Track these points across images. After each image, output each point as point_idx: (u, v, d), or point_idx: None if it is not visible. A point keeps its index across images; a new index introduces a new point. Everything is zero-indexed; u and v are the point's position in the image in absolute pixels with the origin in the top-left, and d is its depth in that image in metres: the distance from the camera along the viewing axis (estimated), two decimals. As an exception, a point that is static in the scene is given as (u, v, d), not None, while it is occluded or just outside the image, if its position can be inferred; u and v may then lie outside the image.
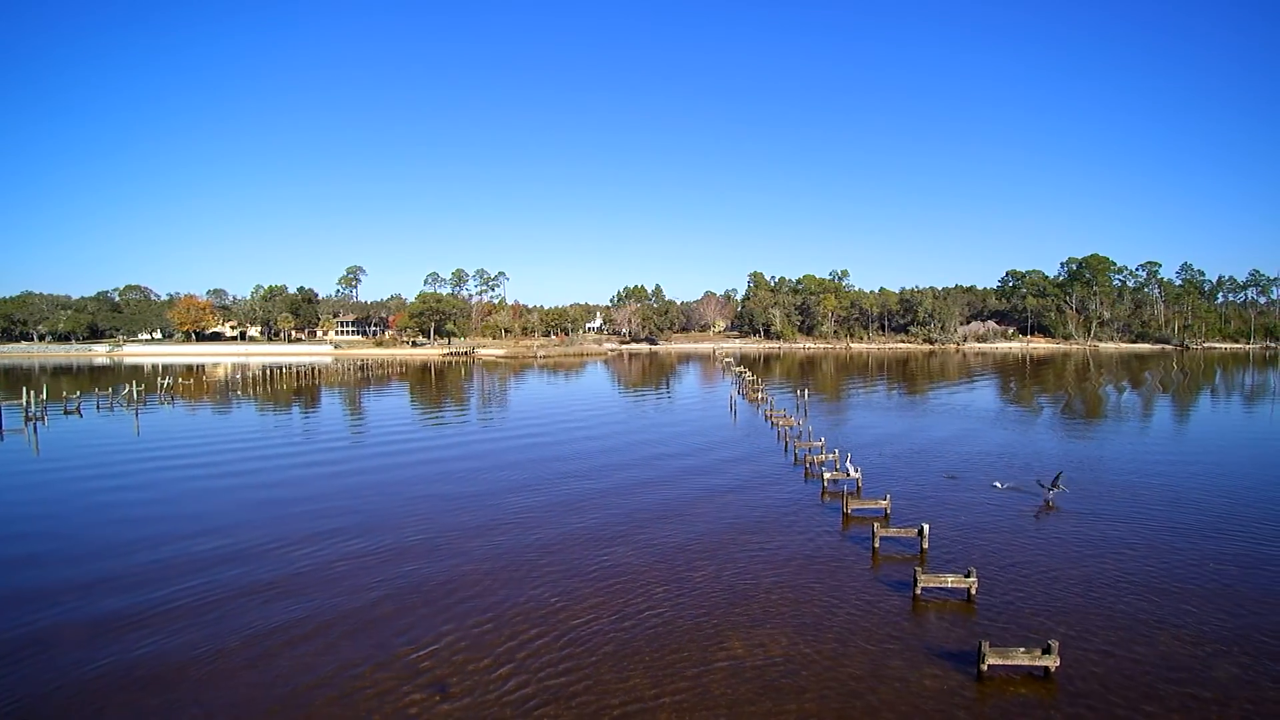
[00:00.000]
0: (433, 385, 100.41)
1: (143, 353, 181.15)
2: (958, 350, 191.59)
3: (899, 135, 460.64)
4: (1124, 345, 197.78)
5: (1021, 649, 16.17)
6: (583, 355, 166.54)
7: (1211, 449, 45.62)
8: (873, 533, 24.76)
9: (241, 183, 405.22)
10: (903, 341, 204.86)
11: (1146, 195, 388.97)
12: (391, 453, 45.04)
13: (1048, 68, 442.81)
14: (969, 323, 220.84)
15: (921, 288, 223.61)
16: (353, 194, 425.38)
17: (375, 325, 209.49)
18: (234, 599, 20.70)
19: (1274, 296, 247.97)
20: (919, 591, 20.48)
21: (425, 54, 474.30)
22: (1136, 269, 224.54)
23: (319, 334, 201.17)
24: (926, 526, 24.43)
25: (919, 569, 20.65)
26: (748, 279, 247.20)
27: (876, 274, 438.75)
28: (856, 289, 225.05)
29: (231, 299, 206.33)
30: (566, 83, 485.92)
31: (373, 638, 18.23)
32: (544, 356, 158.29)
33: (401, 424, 60.58)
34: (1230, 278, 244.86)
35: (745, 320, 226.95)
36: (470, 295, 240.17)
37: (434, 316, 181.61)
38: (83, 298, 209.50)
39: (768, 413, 58.29)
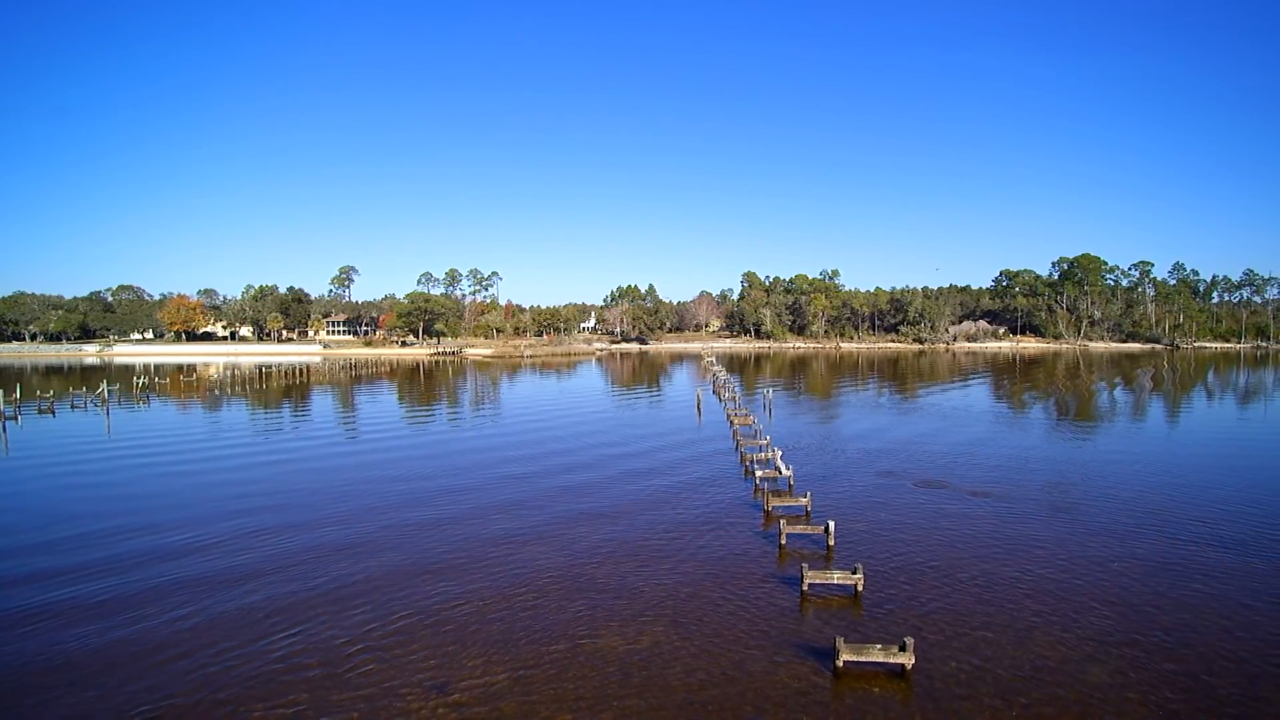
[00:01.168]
0: (409, 384, 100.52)
1: (132, 353, 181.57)
2: (947, 350, 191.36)
3: (895, 134, 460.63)
4: (1114, 345, 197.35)
5: (878, 646, 16.23)
6: (570, 355, 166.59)
7: (1165, 448, 45.61)
8: (780, 529, 24.83)
9: (237, 183, 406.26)
10: (893, 341, 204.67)
11: (1142, 195, 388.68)
12: (337, 449, 45.29)
13: (1043, 66, 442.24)
14: (961, 322, 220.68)
15: (913, 288, 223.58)
16: (348, 194, 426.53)
17: (366, 325, 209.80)
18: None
19: (1269, 296, 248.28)
20: (806, 588, 20.55)
21: (419, 54, 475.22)
22: (1129, 268, 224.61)
23: (310, 334, 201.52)
24: (832, 524, 24.51)
25: (805, 565, 20.67)
26: (741, 279, 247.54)
27: (872, 274, 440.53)
28: (848, 289, 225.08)
29: (222, 299, 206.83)
30: (562, 83, 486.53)
31: (242, 627, 18.36)
32: (530, 356, 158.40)
33: (360, 421, 60.69)
34: (1225, 277, 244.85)
35: (736, 320, 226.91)
36: (464, 295, 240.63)
37: (423, 316, 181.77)
38: (75, 298, 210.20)
39: (729, 412, 58.30)
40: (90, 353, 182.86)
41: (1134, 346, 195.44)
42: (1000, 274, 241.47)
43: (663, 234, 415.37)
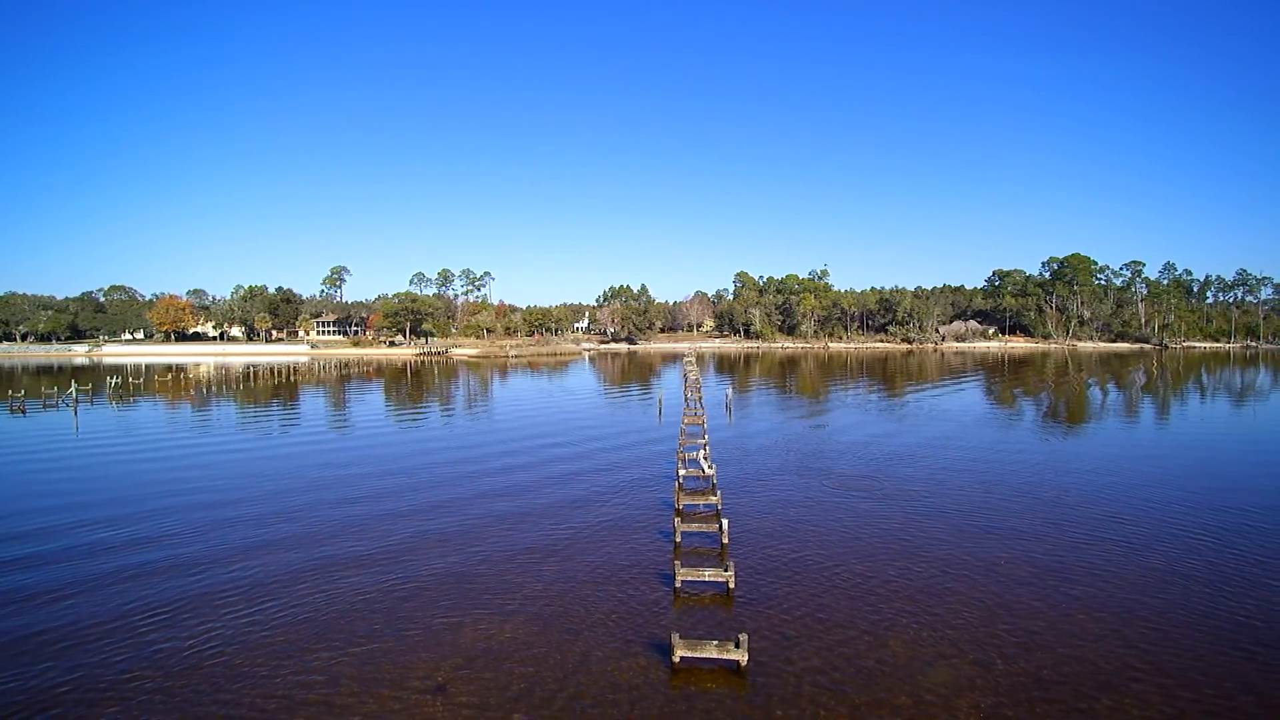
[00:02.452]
0: (382, 384, 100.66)
1: (121, 353, 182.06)
2: (935, 349, 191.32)
3: (886, 134, 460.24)
4: (1103, 345, 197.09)
5: (714, 642, 16.31)
6: (556, 356, 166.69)
7: (1115, 450, 45.60)
8: (674, 528, 24.94)
9: (233, 183, 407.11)
10: (881, 341, 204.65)
11: (1137, 194, 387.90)
12: (269, 445, 45.48)
13: (1034, 65, 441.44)
14: (952, 322, 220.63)
15: (902, 288, 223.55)
16: (342, 194, 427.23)
17: (356, 325, 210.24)
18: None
19: (1262, 296, 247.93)
20: (679, 585, 20.65)
21: (412, 54, 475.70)
22: (1121, 268, 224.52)
23: (300, 334, 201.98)
24: (725, 522, 24.62)
25: (677, 563, 20.78)
26: (734, 279, 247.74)
27: (862, 274, 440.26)
28: (837, 289, 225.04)
29: (211, 299, 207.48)
30: (558, 83, 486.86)
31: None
32: (516, 357, 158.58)
33: (313, 418, 60.89)
34: (1219, 277, 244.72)
35: (726, 320, 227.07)
36: (456, 295, 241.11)
37: (409, 317, 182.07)
38: (66, 298, 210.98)
39: (685, 412, 58.35)
40: (79, 353, 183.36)
41: (1123, 346, 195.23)
42: (993, 273, 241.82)
43: (657, 234, 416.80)
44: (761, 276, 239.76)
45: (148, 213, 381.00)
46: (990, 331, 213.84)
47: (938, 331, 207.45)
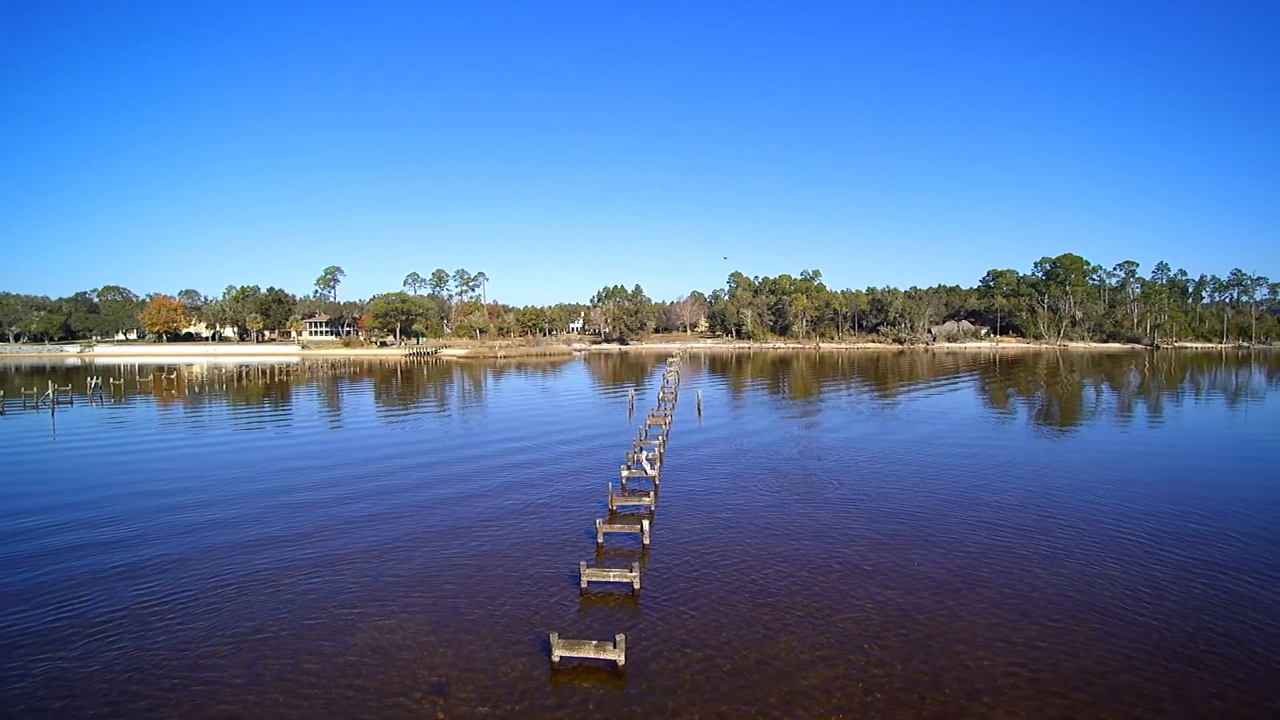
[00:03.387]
0: (363, 384, 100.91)
1: (112, 353, 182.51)
2: (926, 350, 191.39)
3: (880, 134, 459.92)
4: (1094, 345, 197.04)
5: (592, 642, 16.48)
6: (546, 356, 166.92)
7: (1073, 454, 45.77)
8: (596, 529, 25.10)
9: (229, 183, 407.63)
10: (873, 341, 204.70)
11: (1132, 194, 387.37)
12: (216, 443, 45.73)
13: (1032, 65, 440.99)
14: (945, 322, 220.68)
15: (893, 288, 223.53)
16: (337, 195, 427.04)
17: (348, 326, 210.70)
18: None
19: (1257, 296, 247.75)
20: (585, 585, 20.81)
21: (408, 53, 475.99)
22: (1115, 268, 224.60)
23: (292, 334, 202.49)
24: (646, 524, 24.77)
25: (583, 563, 20.94)
26: (729, 279, 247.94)
27: (862, 274, 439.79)
28: (831, 289, 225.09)
29: (203, 300, 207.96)
30: (554, 83, 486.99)
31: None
32: (504, 357, 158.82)
33: (278, 417, 61.10)
34: (1214, 277, 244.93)
35: (719, 321, 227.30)
36: (450, 295, 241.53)
37: (399, 317, 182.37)
38: (60, 299, 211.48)
39: (651, 411, 58.52)
40: (71, 353, 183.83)
41: (1114, 346, 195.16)
42: (988, 274, 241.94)
43: (654, 235, 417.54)
44: (757, 276, 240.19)
45: (144, 213, 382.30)
46: (983, 332, 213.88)
47: (929, 332, 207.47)
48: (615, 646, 16.20)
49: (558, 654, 16.38)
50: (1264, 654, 17.13)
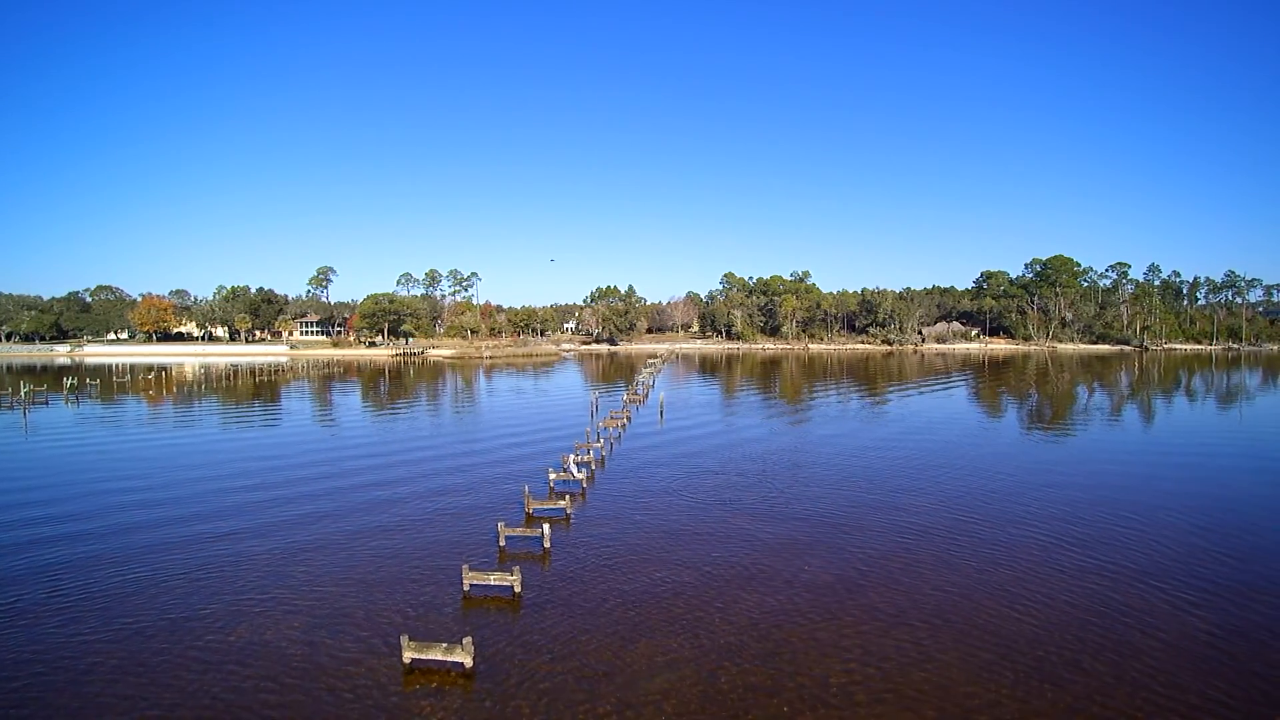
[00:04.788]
0: (334, 384, 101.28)
1: (102, 353, 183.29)
2: (915, 351, 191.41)
3: (878, 135, 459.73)
4: (1083, 346, 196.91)
5: (442, 644, 16.81)
6: (533, 356, 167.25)
7: (1011, 458, 45.91)
8: (498, 532, 25.40)
9: (224, 183, 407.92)
10: (862, 343, 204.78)
11: (1129, 195, 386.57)
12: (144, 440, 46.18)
13: (1027, 65, 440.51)
14: (937, 323, 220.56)
15: (883, 289, 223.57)
16: (331, 195, 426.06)
17: (338, 326, 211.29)
18: None
19: (1251, 298, 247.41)
20: (468, 588, 21.12)
21: (402, 54, 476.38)
22: (1106, 270, 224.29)
23: (283, 335, 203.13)
24: (547, 526, 25.09)
25: (465, 566, 21.25)
26: (721, 279, 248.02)
27: (856, 275, 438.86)
28: (822, 290, 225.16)
29: (193, 299, 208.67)
30: (552, 84, 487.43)
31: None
32: (490, 358, 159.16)
33: (232, 417, 61.51)
34: (1208, 278, 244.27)
35: (709, 322, 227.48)
36: (443, 296, 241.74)
37: (387, 317, 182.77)
38: (52, 298, 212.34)
39: (611, 412, 58.83)
40: (61, 353, 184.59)
41: (1104, 348, 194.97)
42: (980, 275, 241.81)
43: (649, 236, 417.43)
44: (751, 277, 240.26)
45: (139, 213, 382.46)
46: (973, 333, 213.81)
47: (919, 333, 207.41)
48: (464, 649, 16.50)
49: (409, 656, 16.72)
50: (1136, 675, 16.90)
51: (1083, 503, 32.28)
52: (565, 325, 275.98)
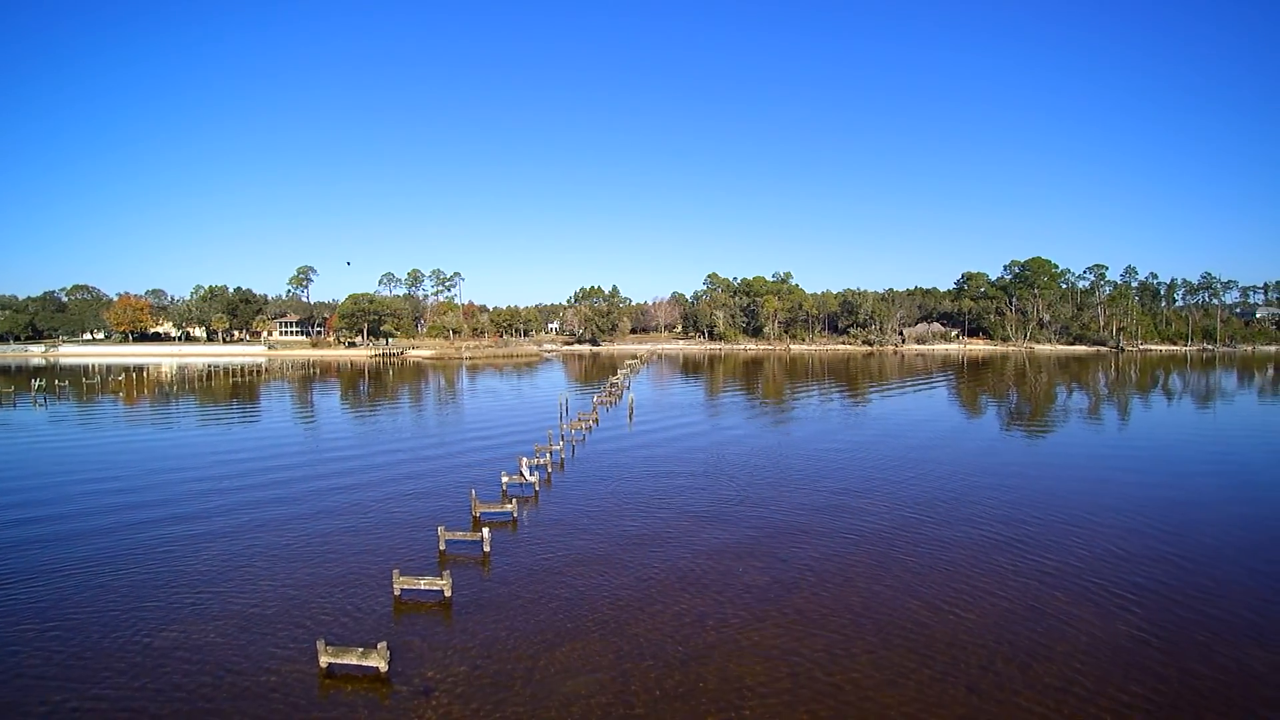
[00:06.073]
0: (317, 385, 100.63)
1: (77, 353, 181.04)
2: (895, 351, 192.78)
3: (861, 136, 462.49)
4: (1060, 347, 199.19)
5: (358, 649, 16.82)
6: (514, 357, 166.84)
7: (963, 457, 46.31)
8: (438, 536, 25.38)
9: (205, 182, 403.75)
10: (843, 343, 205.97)
11: (1106, 197, 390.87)
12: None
13: (1014, 70, 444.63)
14: (918, 324, 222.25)
15: (863, 290, 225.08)
16: (313, 194, 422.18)
17: (318, 326, 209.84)
18: None
19: (1227, 299, 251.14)
20: (398, 593, 21.10)
21: (385, 53, 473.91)
22: (1084, 271, 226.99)
23: (263, 334, 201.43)
24: (487, 531, 25.10)
25: (396, 571, 21.23)
26: (705, 280, 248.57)
27: (839, 276, 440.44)
28: (804, 290, 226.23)
29: (170, 299, 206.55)
30: (535, 85, 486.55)
31: None
32: (471, 358, 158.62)
33: (191, 419, 61.04)
34: (1185, 280, 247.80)
35: (691, 322, 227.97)
36: (425, 296, 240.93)
37: (367, 317, 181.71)
38: (28, 298, 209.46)
39: (579, 413, 58.88)
40: (35, 353, 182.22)
41: (1080, 349, 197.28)
42: (961, 276, 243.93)
43: (635, 236, 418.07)
44: (735, 277, 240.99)
45: (116, 212, 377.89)
46: (952, 334, 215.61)
47: (899, 334, 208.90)
48: (378, 653, 16.51)
49: (325, 660, 16.71)
50: (1045, 677, 17.39)
51: (1033, 504, 32.67)
52: (549, 325, 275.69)
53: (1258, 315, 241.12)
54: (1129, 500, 33.52)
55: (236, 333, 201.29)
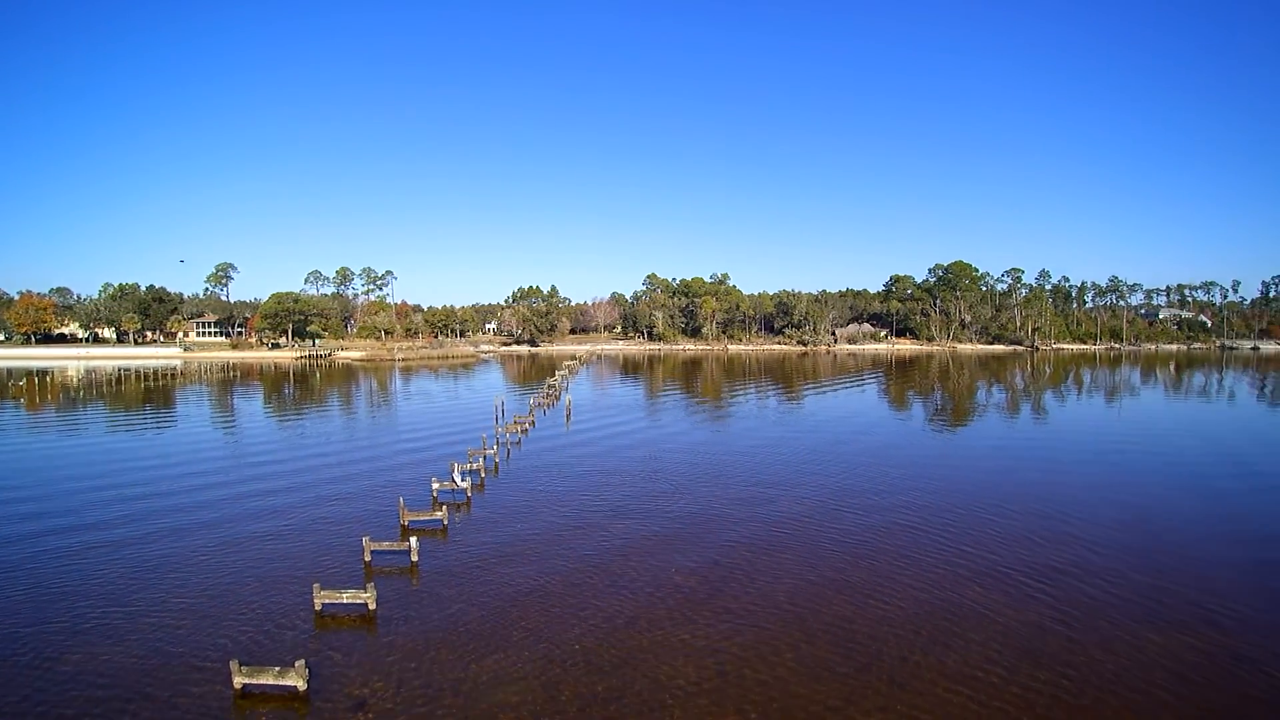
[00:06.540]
0: (238, 389, 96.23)
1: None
2: (828, 351, 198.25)
3: (798, 139, 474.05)
4: (980, 346, 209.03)
5: (274, 669, 16.17)
6: (449, 358, 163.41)
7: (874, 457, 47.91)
8: (363, 546, 24.62)
9: (108, 174, 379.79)
10: (779, 343, 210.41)
11: (1023, 203, 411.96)
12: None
13: (942, 77, 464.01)
14: (849, 325, 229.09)
15: (798, 291, 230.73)
16: (233, 188, 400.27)
17: (238, 326, 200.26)
18: None
19: (1132, 301, 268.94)
20: (319, 608, 20.34)
21: (312, 43, 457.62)
22: (1002, 275, 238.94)
23: (179, 335, 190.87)
24: (414, 540, 24.49)
25: (317, 585, 20.48)
26: (645, 280, 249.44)
27: (773, 277, 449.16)
28: (740, 291, 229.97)
29: (76, 298, 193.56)
30: (471, 82, 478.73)
31: None
32: (403, 360, 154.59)
33: (102, 425, 57.62)
34: (1094, 283, 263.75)
35: (631, 322, 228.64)
36: (355, 295, 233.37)
37: (292, 317, 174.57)
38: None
39: (515, 415, 58.19)
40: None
41: (999, 348, 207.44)
42: (890, 278, 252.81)
43: (573, 236, 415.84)
44: (674, 278, 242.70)
45: (15, 206, 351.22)
46: (882, 334, 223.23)
47: (832, 334, 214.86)
48: (296, 672, 15.88)
49: (239, 681, 16.00)
50: (959, 665, 18.17)
51: (954, 494, 34.09)
52: (486, 326, 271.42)
53: (1160, 316, 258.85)
54: (1038, 488, 35.39)
55: (149, 334, 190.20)
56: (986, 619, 20.34)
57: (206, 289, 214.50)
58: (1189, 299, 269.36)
